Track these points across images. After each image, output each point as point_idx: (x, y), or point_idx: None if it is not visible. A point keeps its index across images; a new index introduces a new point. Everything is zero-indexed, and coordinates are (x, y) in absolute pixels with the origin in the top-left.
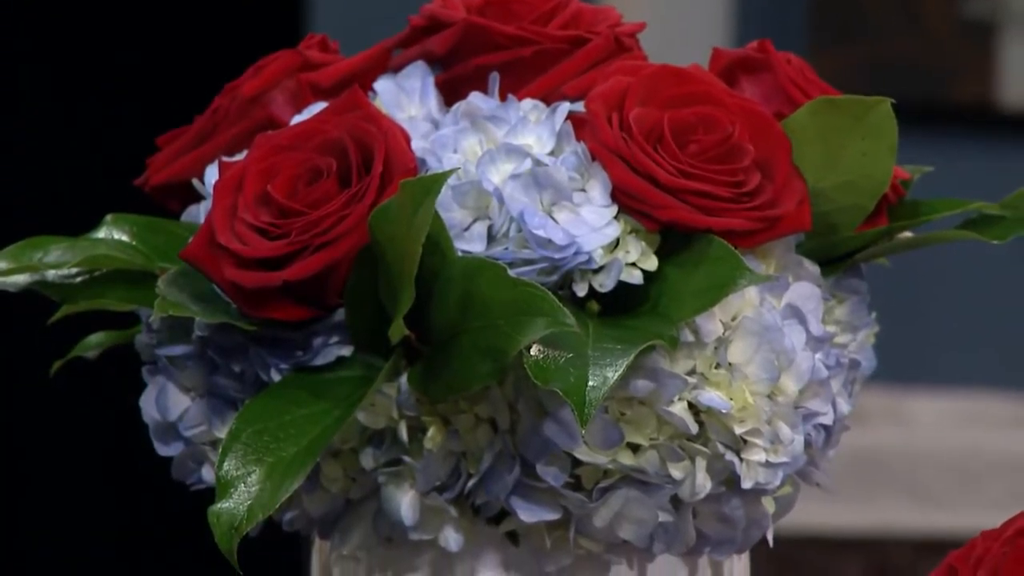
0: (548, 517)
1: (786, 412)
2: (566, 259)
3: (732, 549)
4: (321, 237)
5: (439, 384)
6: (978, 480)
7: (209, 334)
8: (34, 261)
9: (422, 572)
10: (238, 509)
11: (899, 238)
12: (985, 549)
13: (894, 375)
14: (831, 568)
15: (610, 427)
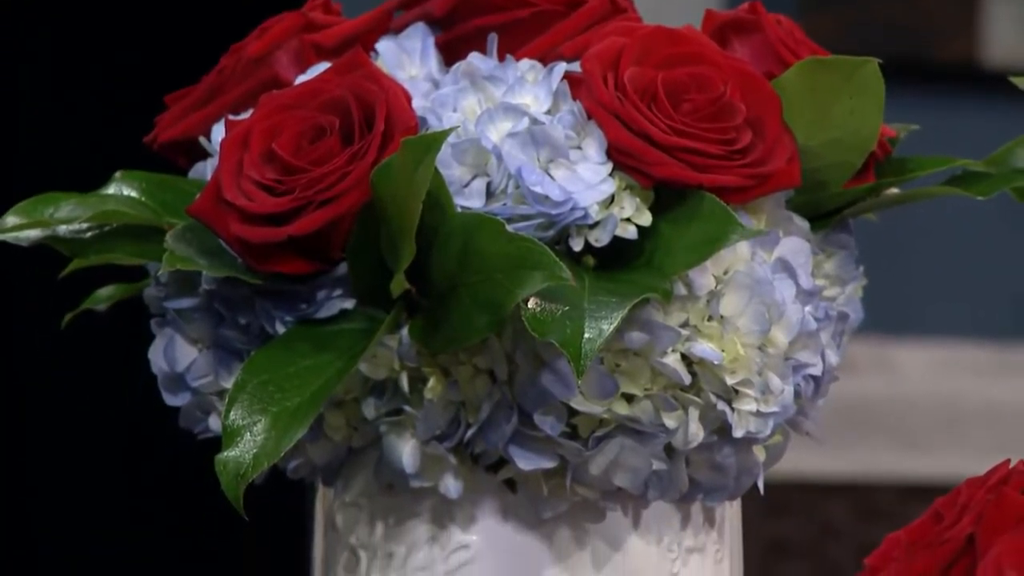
0: (545, 465)
1: (776, 363)
2: (563, 215)
3: (724, 496)
4: (324, 193)
5: (439, 336)
6: (961, 426)
7: (216, 287)
8: (45, 216)
9: (423, 518)
10: (244, 457)
11: (886, 194)
12: (970, 496)
13: (881, 326)
14: (819, 511)
15: (605, 378)
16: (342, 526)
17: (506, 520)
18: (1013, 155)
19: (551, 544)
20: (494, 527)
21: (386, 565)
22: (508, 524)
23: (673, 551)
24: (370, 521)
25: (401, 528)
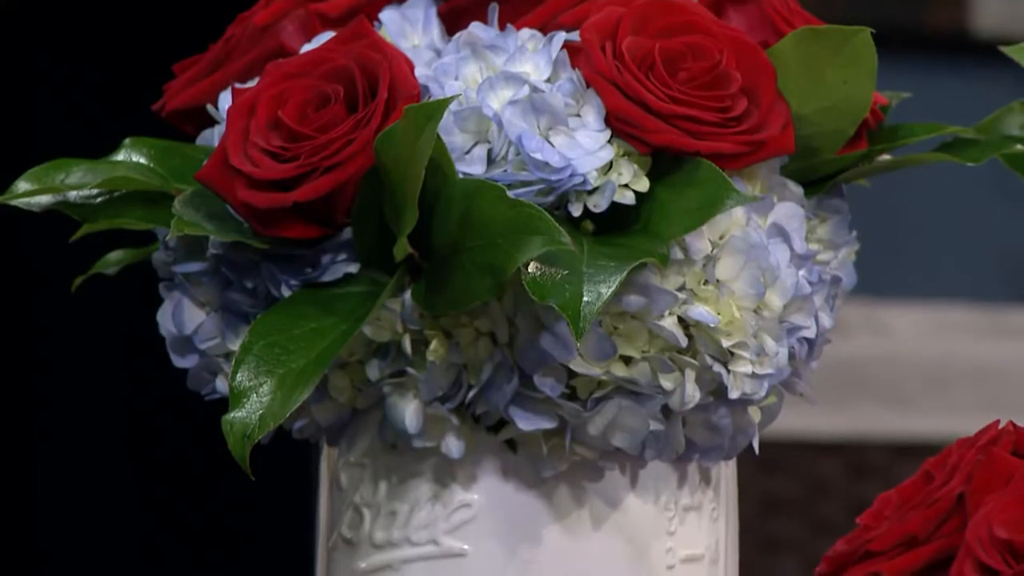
0: (545, 425)
1: (771, 326)
2: (562, 181)
3: (720, 456)
4: (329, 160)
5: (441, 299)
6: (950, 386)
7: (223, 252)
8: (56, 182)
9: (425, 477)
10: (250, 418)
11: (878, 160)
12: (960, 456)
13: (872, 288)
14: (813, 469)
15: (604, 340)
16: (346, 485)
17: (506, 479)
18: (1002, 122)
19: (550, 503)
20: (495, 486)
21: (389, 523)
22: (509, 483)
23: (670, 509)
24: (374, 480)
25: (404, 487)
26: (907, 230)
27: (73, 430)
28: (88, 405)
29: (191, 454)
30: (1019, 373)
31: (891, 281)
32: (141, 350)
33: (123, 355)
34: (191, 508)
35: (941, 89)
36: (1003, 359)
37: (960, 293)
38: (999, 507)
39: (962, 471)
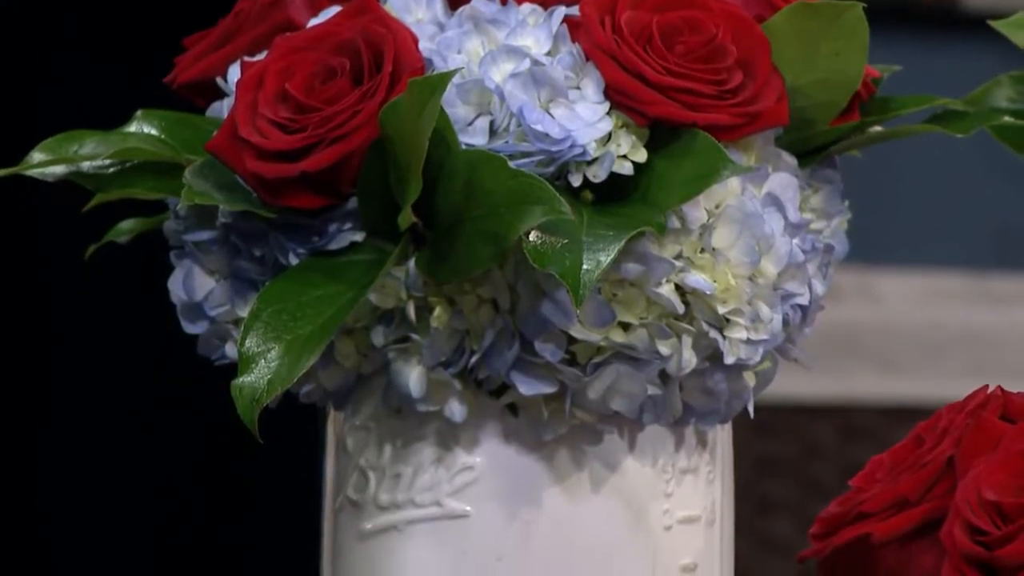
0: (545, 390)
1: (766, 293)
2: (562, 152)
3: (716, 419)
4: (336, 131)
5: (444, 267)
6: (940, 351)
7: (232, 221)
8: (70, 153)
9: (428, 441)
10: (259, 383)
11: (870, 132)
12: (949, 420)
13: (865, 256)
14: (806, 432)
15: (603, 307)
16: (352, 448)
17: (508, 442)
18: (991, 95)
19: (551, 465)
20: (497, 449)
21: (393, 485)
22: (510, 446)
23: (667, 472)
24: (378, 443)
25: (408, 450)
26: (898, 199)
27: (85, 392)
28: (99, 365)
29: (200, 419)
30: (1008, 339)
31: (883, 249)
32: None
33: (135, 321)
34: (200, 471)
35: (931, 62)
36: (992, 325)
37: (950, 261)
38: (988, 470)
39: (952, 435)
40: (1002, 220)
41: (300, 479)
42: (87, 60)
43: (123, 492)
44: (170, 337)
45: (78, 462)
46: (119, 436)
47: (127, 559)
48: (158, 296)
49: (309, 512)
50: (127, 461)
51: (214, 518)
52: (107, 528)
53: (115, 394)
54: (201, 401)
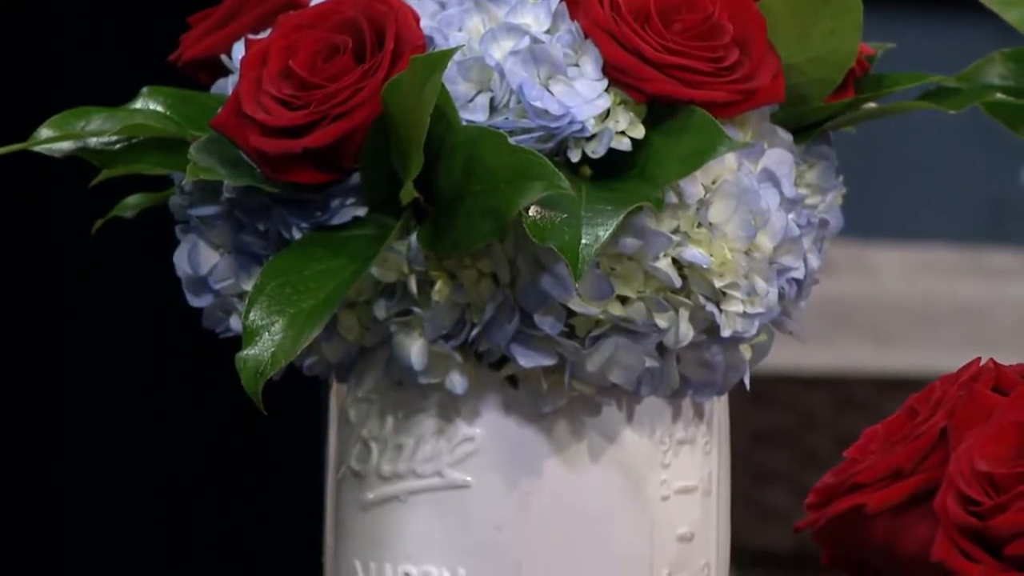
0: (545, 362)
1: (762, 267)
2: (561, 128)
3: (712, 391)
4: (338, 108)
5: (445, 242)
6: (933, 324)
7: (236, 196)
8: (77, 129)
9: (430, 412)
10: (263, 355)
11: (864, 108)
12: (943, 392)
13: (859, 230)
14: (801, 403)
15: (601, 281)
16: (355, 419)
17: (508, 414)
18: (983, 71)
19: (550, 436)
20: (497, 421)
21: (395, 456)
22: (510, 418)
23: (664, 443)
24: (381, 415)
25: (410, 421)
26: (892, 174)
27: (94, 366)
28: (108, 342)
29: (206, 392)
30: (999, 311)
31: (877, 223)
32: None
33: (142, 296)
34: (205, 443)
35: (925, 40)
36: (984, 298)
37: (943, 234)
38: (980, 441)
39: (945, 407)
40: (994, 195)
41: (303, 450)
42: (93, 38)
43: (127, 462)
44: (175, 311)
45: (85, 432)
46: (124, 410)
47: (130, 526)
48: (164, 269)
49: (312, 483)
50: (131, 433)
51: (218, 490)
52: (111, 490)
53: (121, 367)
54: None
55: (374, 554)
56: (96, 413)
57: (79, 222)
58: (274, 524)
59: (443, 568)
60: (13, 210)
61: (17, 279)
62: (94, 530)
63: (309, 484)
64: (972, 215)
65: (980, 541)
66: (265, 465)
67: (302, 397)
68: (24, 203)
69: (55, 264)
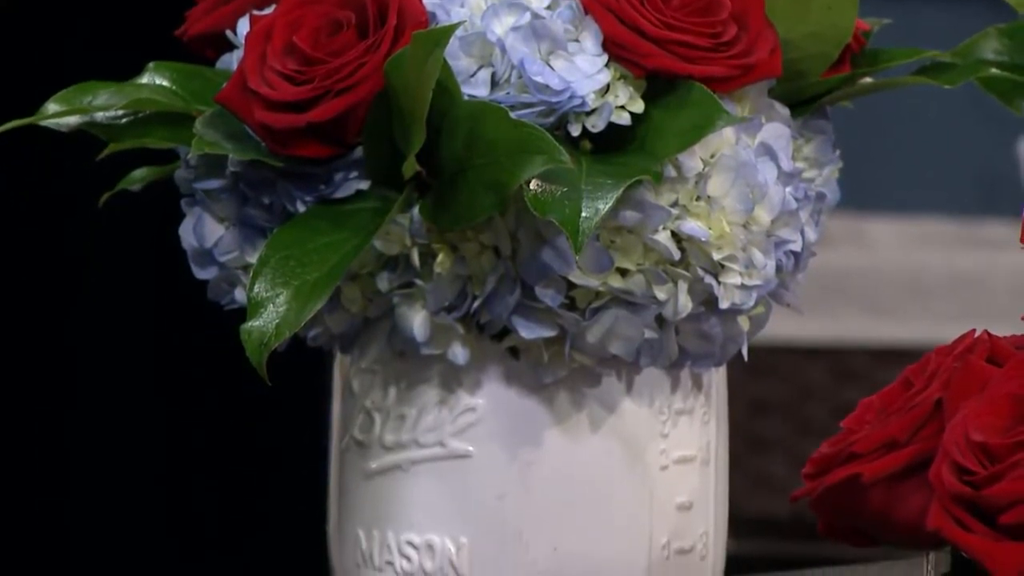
0: (545, 334)
1: (759, 240)
2: (562, 102)
3: (711, 362)
4: (342, 83)
5: (447, 215)
6: (927, 295)
7: (241, 169)
8: (84, 104)
9: (432, 383)
10: (267, 327)
11: (860, 83)
12: (938, 364)
13: (855, 202)
14: (798, 374)
15: (601, 253)
16: (358, 390)
17: (509, 385)
18: (978, 47)
19: (551, 407)
20: (498, 391)
21: (398, 426)
22: (511, 388)
23: (663, 413)
24: (384, 385)
25: (412, 392)
26: (888, 148)
27: (102, 337)
28: (116, 314)
29: (212, 363)
30: (993, 282)
31: (872, 195)
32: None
33: (150, 269)
34: (210, 413)
35: (920, 15)
36: (978, 269)
37: (938, 207)
38: (975, 412)
39: (940, 378)
40: (987, 168)
41: (307, 420)
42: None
43: (132, 434)
44: (182, 284)
45: (93, 399)
46: (130, 381)
47: (134, 499)
48: (170, 242)
49: (316, 452)
50: (135, 405)
51: (224, 459)
52: (118, 458)
53: (127, 339)
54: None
55: (377, 523)
56: (102, 381)
57: (86, 195)
58: (278, 493)
59: (445, 536)
60: (20, 185)
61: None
62: (98, 491)
63: (313, 453)
64: (966, 188)
65: (975, 510)
66: (270, 435)
67: (306, 369)
68: (32, 177)
69: (63, 238)
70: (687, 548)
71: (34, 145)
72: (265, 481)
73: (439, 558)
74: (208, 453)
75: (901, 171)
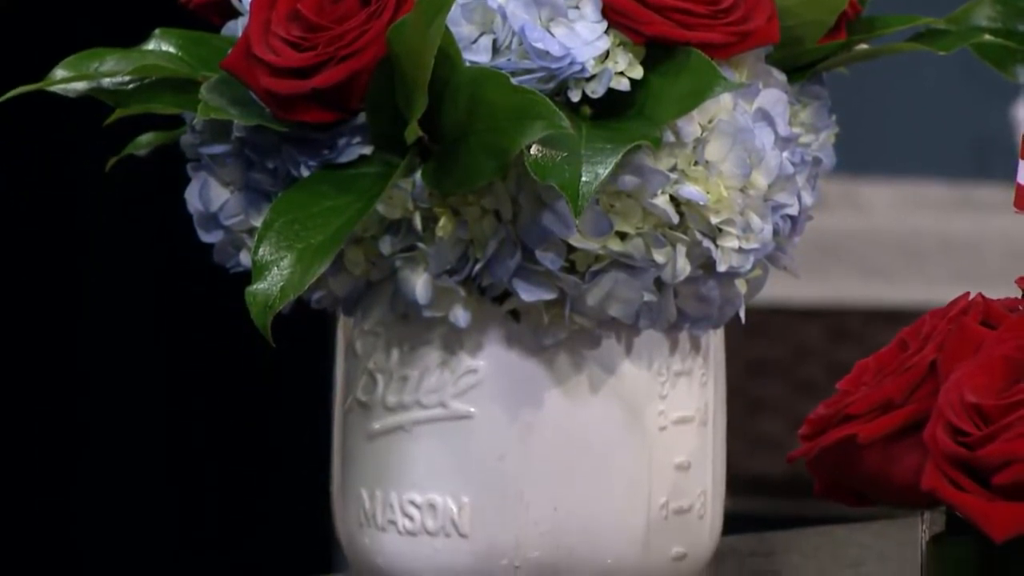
0: (546, 297)
1: (757, 204)
2: (562, 69)
3: (709, 325)
4: (345, 49)
5: (449, 179)
6: (921, 258)
7: (246, 135)
8: (91, 70)
9: (434, 345)
10: (272, 290)
11: (856, 50)
12: (932, 326)
13: (850, 166)
14: (794, 335)
15: (601, 217)
16: (361, 352)
17: (510, 347)
18: (972, 14)
19: (551, 369)
20: (499, 353)
21: (401, 387)
22: (512, 350)
23: (662, 375)
24: (386, 347)
25: (414, 354)
26: (883, 113)
27: (110, 300)
28: (123, 279)
29: (217, 326)
30: (986, 246)
31: (868, 160)
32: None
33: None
34: (216, 375)
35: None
36: (971, 233)
37: (932, 171)
38: (969, 373)
39: (935, 340)
40: (980, 133)
41: (311, 382)
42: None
43: (140, 400)
44: (187, 247)
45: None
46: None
47: (142, 459)
48: (175, 206)
49: (320, 413)
50: (144, 368)
51: (230, 419)
52: (126, 419)
53: (133, 305)
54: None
55: (380, 482)
56: (110, 344)
57: (94, 160)
58: (283, 454)
59: (447, 496)
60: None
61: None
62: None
63: (317, 414)
64: (960, 152)
65: (968, 470)
66: (275, 396)
67: (309, 331)
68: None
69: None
70: (685, 507)
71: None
72: (270, 441)
73: (441, 517)
74: (213, 417)
75: (896, 136)
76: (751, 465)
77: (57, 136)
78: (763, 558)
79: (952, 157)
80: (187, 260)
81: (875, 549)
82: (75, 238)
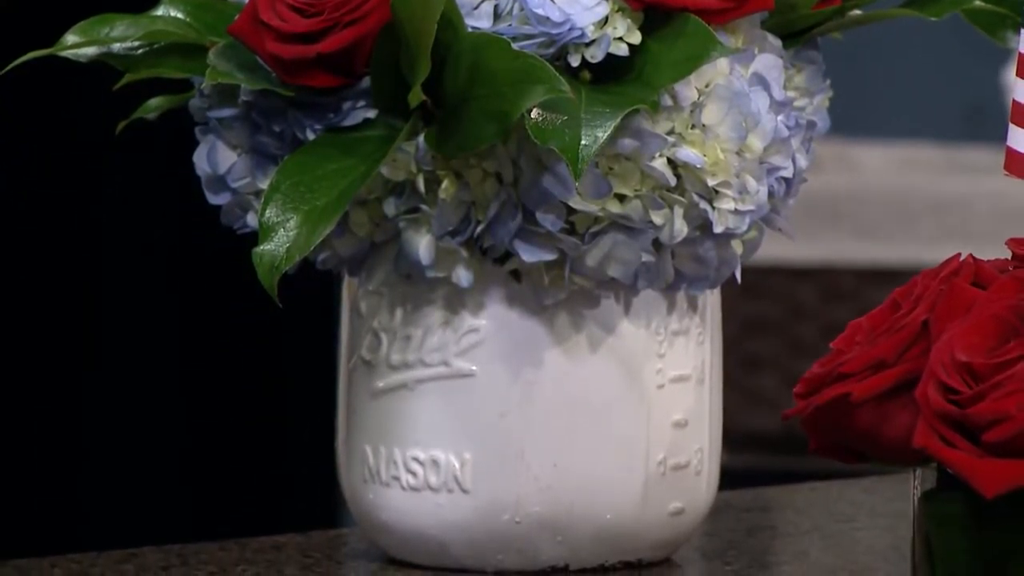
0: (546, 257)
1: (752, 167)
2: (562, 34)
3: (706, 285)
4: (350, 15)
5: (451, 143)
6: (912, 218)
7: (253, 99)
8: (101, 35)
9: (437, 305)
10: (278, 251)
11: (850, 15)
12: (924, 287)
13: (843, 128)
14: (789, 294)
15: (600, 180)
16: (365, 312)
17: (511, 307)
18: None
19: (552, 328)
20: (501, 313)
21: (404, 346)
22: (513, 310)
23: (660, 334)
24: (390, 307)
25: (418, 313)
26: (876, 77)
27: (122, 259)
28: (135, 239)
29: (225, 286)
30: (976, 207)
31: (861, 122)
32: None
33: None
34: (224, 335)
35: None
36: (961, 194)
37: (924, 134)
38: (960, 333)
39: (926, 300)
40: (971, 96)
41: (316, 340)
42: None
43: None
44: (195, 209)
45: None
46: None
47: (151, 413)
48: (184, 168)
49: (325, 371)
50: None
51: (237, 378)
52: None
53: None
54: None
55: (383, 439)
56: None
57: (105, 123)
58: (289, 412)
59: (449, 453)
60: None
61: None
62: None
63: (322, 372)
64: (951, 115)
65: (959, 428)
66: (281, 355)
67: (315, 291)
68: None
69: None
70: (683, 464)
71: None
72: (277, 399)
73: (443, 473)
74: (224, 373)
75: (888, 99)
76: (747, 422)
77: (66, 99)
78: (759, 513)
79: (944, 120)
80: (197, 224)
81: (868, 504)
82: (86, 202)
